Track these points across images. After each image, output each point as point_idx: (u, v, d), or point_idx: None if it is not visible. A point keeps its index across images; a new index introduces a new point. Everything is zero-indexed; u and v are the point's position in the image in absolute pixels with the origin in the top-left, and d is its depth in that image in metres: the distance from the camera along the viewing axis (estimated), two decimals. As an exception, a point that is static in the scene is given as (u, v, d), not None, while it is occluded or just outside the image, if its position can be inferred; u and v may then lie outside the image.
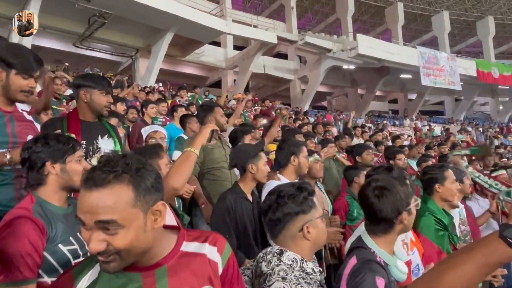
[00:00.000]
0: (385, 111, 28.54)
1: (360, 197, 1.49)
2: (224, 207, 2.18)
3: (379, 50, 19.43)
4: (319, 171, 3.08)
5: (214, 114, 3.08)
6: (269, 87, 24.04)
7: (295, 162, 2.52)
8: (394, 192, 1.41)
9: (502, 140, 18.84)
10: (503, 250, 0.72)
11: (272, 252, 1.33)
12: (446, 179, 2.42)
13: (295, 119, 8.67)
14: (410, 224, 1.46)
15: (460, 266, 0.75)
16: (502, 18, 27.84)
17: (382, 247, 1.41)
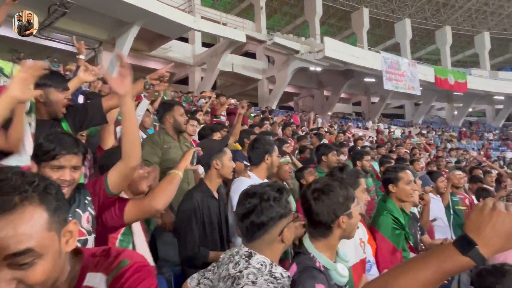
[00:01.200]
0: (349, 113, 29.37)
1: (301, 199, 1.47)
2: (191, 207, 2.13)
3: (345, 54, 19.94)
4: (287, 173, 3.10)
5: (173, 113, 3.02)
6: (237, 86, 24.01)
7: (268, 160, 2.52)
8: (332, 195, 1.38)
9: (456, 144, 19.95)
10: (457, 258, 0.74)
11: (240, 254, 1.28)
12: (400, 179, 2.50)
13: (262, 118, 8.69)
14: (351, 228, 1.42)
15: (416, 271, 0.76)
16: (459, 29, 29.46)
17: (322, 251, 1.38)
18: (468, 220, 0.78)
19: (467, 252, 0.74)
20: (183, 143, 3.15)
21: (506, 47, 31.76)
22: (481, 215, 0.77)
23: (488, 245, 0.74)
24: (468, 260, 0.74)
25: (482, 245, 0.73)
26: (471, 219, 0.78)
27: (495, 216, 0.75)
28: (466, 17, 29.29)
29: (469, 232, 0.76)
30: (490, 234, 0.74)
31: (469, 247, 0.74)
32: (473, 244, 0.74)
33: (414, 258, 0.80)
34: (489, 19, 29.63)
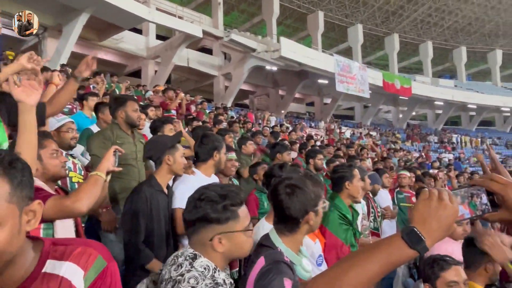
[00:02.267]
0: (303, 113, 30.09)
1: (272, 193, 1.48)
2: (139, 201, 2.06)
3: (300, 55, 20.38)
4: (231, 169, 3.11)
5: (125, 108, 2.89)
6: (192, 81, 23.62)
7: (216, 157, 2.49)
8: (305, 191, 1.41)
9: (401, 145, 21.20)
10: (405, 251, 0.75)
11: (185, 255, 1.21)
12: (354, 177, 2.61)
13: (216, 114, 8.62)
14: (316, 225, 1.48)
15: (364, 264, 0.76)
16: (405, 37, 31.30)
17: (289, 246, 1.42)
18: (415, 211, 0.79)
19: (416, 246, 0.75)
20: (137, 139, 3.04)
21: (446, 56, 34.26)
22: (428, 207, 0.78)
23: (432, 237, 0.76)
24: (414, 252, 0.75)
25: (428, 238, 0.76)
26: (418, 210, 0.79)
27: (442, 208, 0.77)
28: (412, 26, 31.18)
29: (415, 224, 0.77)
30: (435, 227, 0.76)
31: (418, 241, 0.75)
32: (421, 238, 0.76)
33: (362, 251, 0.80)
34: (433, 29, 31.79)
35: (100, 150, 2.77)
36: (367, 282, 0.75)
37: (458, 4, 29.76)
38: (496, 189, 0.84)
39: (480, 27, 32.32)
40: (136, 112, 2.97)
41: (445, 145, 25.94)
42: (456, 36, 32.92)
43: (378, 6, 28.65)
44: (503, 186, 0.83)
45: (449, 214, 0.77)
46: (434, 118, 32.61)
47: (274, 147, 4.42)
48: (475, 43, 33.47)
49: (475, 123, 32.59)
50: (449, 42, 33.07)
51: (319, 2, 26.89)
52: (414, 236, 0.76)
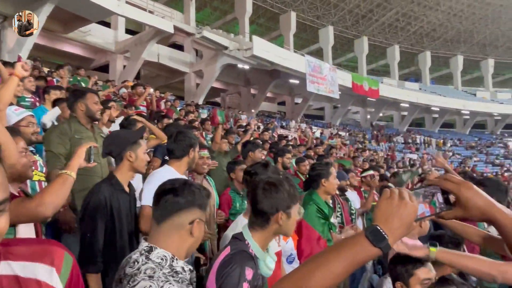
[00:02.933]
0: (274, 112, 30.28)
1: (251, 189, 1.54)
2: (98, 201, 1.94)
3: (272, 54, 20.49)
4: (203, 167, 3.07)
5: (85, 101, 2.78)
6: (162, 78, 23.18)
7: (191, 155, 2.42)
8: (280, 190, 1.46)
9: (368, 145, 21.81)
10: (369, 249, 0.77)
11: (139, 250, 1.22)
12: (331, 175, 2.73)
13: (187, 112, 8.50)
14: (288, 228, 1.50)
15: (330, 264, 0.77)
16: (374, 40, 32.21)
17: (257, 241, 1.46)
18: (378, 210, 0.81)
19: (379, 244, 0.77)
20: (97, 133, 2.92)
21: (412, 60, 35.59)
22: (390, 206, 0.80)
23: (394, 235, 0.78)
24: (378, 250, 0.77)
25: (390, 236, 0.77)
26: (381, 209, 0.81)
27: (403, 207, 0.79)
28: (381, 30, 32.13)
29: (378, 222, 0.79)
30: (397, 225, 0.78)
31: (381, 239, 0.77)
32: (384, 236, 0.77)
33: (327, 251, 0.81)
34: (400, 34, 32.91)
35: (57, 146, 2.65)
36: (334, 282, 0.76)
37: (423, 10, 30.97)
38: (450, 188, 0.88)
39: (444, 33, 33.81)
40: (97, 105, 2.87)
41: (410, 145, 26.97)
42: (422, 41, 34.26)
43: (349, 9, 29.29)
44: (457, 185, 0.87)
45: (410, 212, 0.79)
46: (400, 120, 33.80)
47: (246, 146, 4.41)
48: (439, 48, 34.97)
49: (437, 125, 34.08)
50: (414, 46, 34.37)
51: (292, 3, 27.14)
52: (377, 235, 0.77)
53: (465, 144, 30.50)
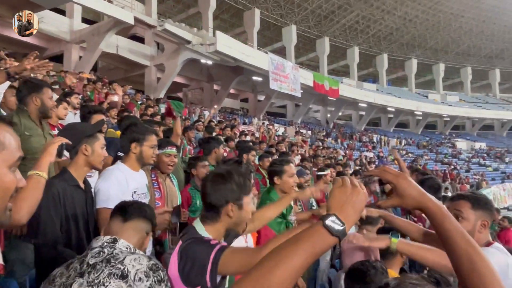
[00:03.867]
0: (237, 109, 30.24)
1: (202, 182, 1.52)
2: (50, 197, 1.80)
3: (236, 50, 20.40)
4: (166, 166, 2.92)
5: (41, 95, 2.58)
6: (121, 70, 22.33)
7: (136, 150, 2.27)
8: (228, 182, 1.43)
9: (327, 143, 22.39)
10: (326, 238, 0.77)
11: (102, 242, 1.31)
12: (285, 173, 2.68)
13: (147, 106, 8.25)
14: (240, 219, 1.47)
15: (289, 258, 0.75)
16: (335, 41, 33.05)
17: (211, 234, 1.43)
18: (332, 198, 0.83)
19: (337, 233, 0.77)
20: (47, 131, 2.71)
21: (370, 62, 36.94)
22: (344, 194, 0.82)
23: (349, 222, 0.80)
24: (335, 239, 0.77)
25: (346, 223, 0.79)
26: (335, 197, 0.82)
27: (355, 194, 0.81)
28: (341, 31, 33.04)
29: (334, 210, 0.80)
30: (351, 212, 0.80)
31: (339, 227, 0.77)
32: (342, 224, 0.78)
33: (285, 246, 0.78)
34: (359, 36, 34.02)
35: None
36: (295, 276, 0.75)
37: (382, 14, 32.21)
38: (390, 179, 0.94)
39: (400, 37, 35.39)
40: (51, 100, 2.69)
41: (367, 144, 28.03)
42: (379, 43, 35.65)
43: (311, 9, 29.81)
44: (396, 176, 0.94)
45: (362, 200, 0.82)
46: (358, 119, 35.00)
47: (209, 142, 4.33)
48: (395, 51, 36.58)
49: (393, 125, 35.67)
50: (373, 48, 35.69)
51: (256, 0, 27.16)
52: (335, 223, 0.78)
53: (417, 143, 32.19)
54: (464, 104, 36.89)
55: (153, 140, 2.35)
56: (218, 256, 1.28)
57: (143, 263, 1.23)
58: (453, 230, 0.88)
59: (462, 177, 22.58)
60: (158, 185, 2.64)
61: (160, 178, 2.73)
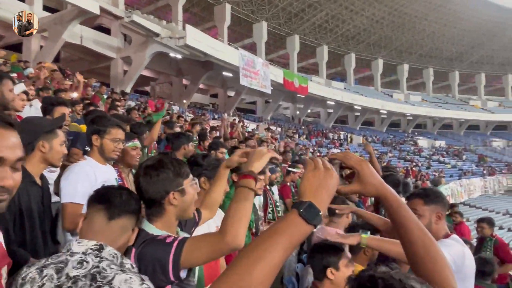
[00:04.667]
0: (206, 104, 29.96)
1: (134, 178, 1.43)
2: None
3: (206, 45, 20.16)
4: (134, 158, 2.84)
5: (1, 87, 2.43)
6: (85, 62, 21.48)
7: (97, 142, 2.20)
8: (162, 171, 1.36)
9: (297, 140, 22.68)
10: (303, 227, 0.73)
11: (85, 249, 1.12)
12: None
13: (112, 99, 7.97)
14: (186, 205, 1.41)
15: (268, 254, 0.70)
16: (305, 39, 33.44)
17: (163, 229, 1.37)
18: (306, 182, 0.79)
19: (314, 221, 0.73)
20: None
21: (339, 61, 37.71)
22: (318, 178, 0.78)
23: (323, 207, 0.76)
24: (311, 227, 0.74)
25: (320, 209, 0.75)
26: (309, 180, 0.78)
27: (329, 178, 0.79)
28: (311, 29, 33.47)
29: (308, 196, 0.76)
30: (325, 196, 0.77)
31: (316, 215, 0.74)
32: (318, 211, 0.74)
33: (262, 242, 0.73)
34: (328, 35, 34.62)
35: None
36: (275, 271, 0.71)
37: (350, 14, 32.93)
38: (352, 164, 0.93)
39: (367, 37, 36.35)
40: (12, 93, 2.53)
41: (334, 141, 28.66)
42: (348, 43, 36.45)
43: (282, 6, 29.96)
44: (359, 162, 0.93)
45: (335, 183, 0.80)
46: (326, 116, 35.70)
47: (179, 137, 4.22)
48: (363, 51, 37.54)
49: (359, 123, 36.68)
50: (341, 48, 36.44)
51: (227, -5, 26.95)
52: (312, 211, 0.74)
53: (382, 140, 33.31)
54: (426, 104, 38.54)
55: (116, 133, 2.25)
56: (179, 251, 1.23)
57: (134, 285, 1.04)
58: (408, 217, 0.90)
59: (423, 174, 23.61)
60: (122, 180, 2.55)
61: (124, 173, 2.64)
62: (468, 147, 36.51)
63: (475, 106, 41.03)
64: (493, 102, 42.34)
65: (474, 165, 31.66)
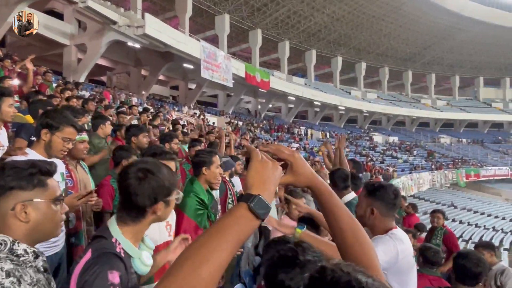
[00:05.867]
0: (166, 96, 29.27)
1: (120, 177, 1.32)
2: None
3: (166, 35, 19.62)
4: (81, 152, 2.73)
5: None
6: (35, 48, 20.09)
7: (46, 137, 2.08)
8: (159, 178, 1.29)
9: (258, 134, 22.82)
10: (252, 221, 0.72)
11: None
12: (213, 163, 2.65)
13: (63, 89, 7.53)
14: (165, 215, 1.36)
15: (217, 250, 0.68)
16: (267, 33, 33.56)
17: (128, 237, 1.28)
18: (254, 173, 0.77)
19: (263, 215, 0.73)
20: None
21: (300, 57, 38.28)
22: (266, 169, 0.78)
23: (270, 200, 0.75)
24: (260, 221, 0.73)
25: (268, 201, 0.74)
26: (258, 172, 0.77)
27: (274, 169, 0.79)
28: (274, 24, 33.63)
29: (257, 190, 0.75)
30: (272, 189, 0.77)
31: (265, 209, 0.73)
32: (267, 205, 0.73)
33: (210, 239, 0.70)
34: (290, 30, 34.97)
35: None
36: (222, 270, 0.69)
37: (312, 11, 33.45)
38: (285, 157, 0.92)
39: (327, 34, 37.16)
40: None
41: (294, 136, 29.16)
42: (309, 40, 37.05)
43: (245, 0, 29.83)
44: (291, 154, 0.92)
45: (280, 175, 0.80)
46: (287, 111, 36.19)
47: (129, 130, 4.07)
48: (323, 48, 38.35)
49: (318, 118, 37.57)
50: (303, 44, 36.98)
51: (188, -15, 26.33)
52: (261, 205, 0.73)
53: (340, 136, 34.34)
54: (381, 101, 40.24)
55: (68, 132, 2.13)
56: None
57: None
58: (339, 206, 0.94)
59: (377, 168, 24.69)
60: (70, 173, 2.43)
61: (71, 165, 2.51)
62: (418, 143, 38.63)
63: (426, 104, 43.49)
64: (441, 101, 45.10)
65: (424, 160, 33.59)
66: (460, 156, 36.86)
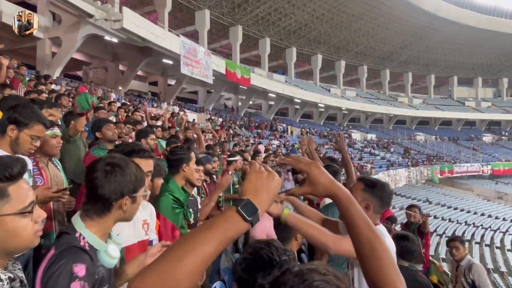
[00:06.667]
0: (145, 92, 28.75)
1: (87, 171, 1.31)
2: None
3: (145, 30, 19.24)
4: (53, 148, 2.59)
5: None
6: (6, 41, 19.15)
7: (12, 133, 1.96)
8: (126, 172, 1.28)
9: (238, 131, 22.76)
10: (240, 224, 0.76)
11: None
12: (191, 160, 2.61)
13: (36, 84, 7.26)
14: (131, 213, 1.35)
15: (200, 247, 0.72)
16: (248, 30, 33.46)
17: (93, 231, 1.26)
18: (248, 183, 0.81)
19: (251, 219, 0.76)
20: None
21: (280, 54, 38.39)
22: (260, 179, 0.81)
23: (263, 207, 0.79)
24: (249, 224, 0.76)
25: (259, 208, 0.78)
26: (251, 181, 0.81)
27: (271, 179, 0.81)
28: (254, 21, 33.56)
29: (249, 195, 0.79)
30: (266, 197, 0.80)
31: (253, 213, 0.77)
32: (256, 210, 0.77)
33: (196, 234, 0.75)
34: (271, 28, 34.99)
35: None
36: (206, 264, 0.73)
37: (292, 9, 33.57)
38: (302, 168, 0.96)
39: (308, 32, 37.40)
40: None
41: (275, 133, 29.25)
42: (289, 37, 37.19)
43: (225, -5, 29.61)
44: (308, 165, 0.96)
45: (277, 185, 0.82)
46: (267, 108, 36.25)
47: (95, 122, 3.92)
48: (303, 46, 38.59)
49: (298, 115, 37.83)
50: (283, 41, 37.09)
51: (168, -21, 25.88)
52: (250, 209, 0.77)
53: (319, 133, 34.73)
54: (360, 99, 40.91)
55: (37, 130, 2.02)
56: None
57: None
58: (358, 216, 0.93)
59: (356, 165, 25.10)
60: (40, 170, 2.31)
61: (42, 163, 2.39)
62: (395, 140, 39.52)
63: (402, 102, 44.51)
64: (417, 100, 46.28)
65: (400, 157, 34.40)
66: (435, 153, 37.95)
